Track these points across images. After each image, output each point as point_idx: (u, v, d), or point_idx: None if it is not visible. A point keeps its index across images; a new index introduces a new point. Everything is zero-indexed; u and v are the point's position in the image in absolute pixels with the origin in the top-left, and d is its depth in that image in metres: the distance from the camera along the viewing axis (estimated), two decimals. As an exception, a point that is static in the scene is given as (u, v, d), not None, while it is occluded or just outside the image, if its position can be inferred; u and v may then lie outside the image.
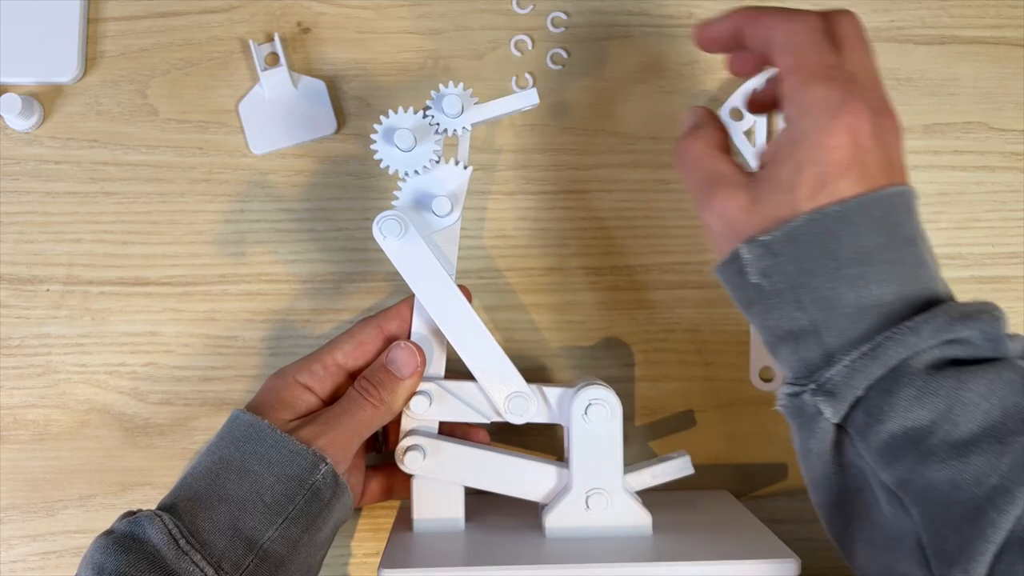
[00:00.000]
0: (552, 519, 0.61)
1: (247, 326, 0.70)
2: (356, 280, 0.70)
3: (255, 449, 0.55)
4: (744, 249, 0.49)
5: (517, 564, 0.56)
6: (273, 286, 0.70)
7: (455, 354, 0.61)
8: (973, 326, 0.46)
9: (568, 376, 0.70)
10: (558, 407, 0.62)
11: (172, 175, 0.70)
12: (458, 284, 0.60)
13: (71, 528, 0.69)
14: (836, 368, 0.47)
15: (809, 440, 0.50)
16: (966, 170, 0.71)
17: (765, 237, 0.48)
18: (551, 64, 0.72)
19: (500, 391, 0.61)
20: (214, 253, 0.70)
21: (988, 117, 0.72)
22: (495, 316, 0.70)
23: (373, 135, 0.59)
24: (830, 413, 0.48)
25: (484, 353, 0.60)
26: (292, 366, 0.61)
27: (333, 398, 0.61)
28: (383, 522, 0.70)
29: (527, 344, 0.70)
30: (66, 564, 0.69)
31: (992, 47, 0.72)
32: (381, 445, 0.67)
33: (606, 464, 0.61)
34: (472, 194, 0.70)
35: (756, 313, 0.50)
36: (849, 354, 0.47)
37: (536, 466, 0.62)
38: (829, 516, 0.52)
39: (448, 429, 0.64)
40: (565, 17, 0.72)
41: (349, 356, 0.61)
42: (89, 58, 0.71)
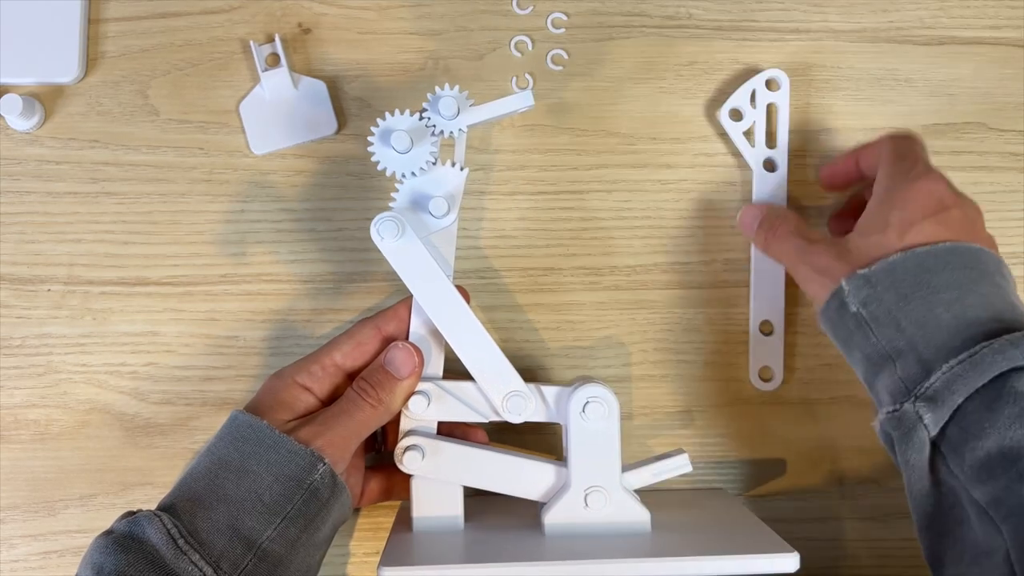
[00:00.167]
0: (551, 517, 0.61)
1: (248, 326, 0.70)
2: (356, 280, 0.70)
3: (254, 449, 0.55)
4: (845, 283, 0.55)
5: (516, 562, 0.56)
6: (274, 286, 0.70)
7: (453, 354, 0.61)
8: None
9: (567, 376, 0.70)
10: (556, 406, 0.62)
11: (173, 175, 0.70)
12: (456, 285, 0.61)
13: (72, 528, 0.69)
14: (936, 375, 0.50)
15: (908, 452, 0.52)
16: (965, 170, 0.71)
17: (863, 271, 0.55)
18: (551, 65, 0.72)
19: (498, 391, 0.61)
20: (215, 253, 0.70)
21: (987, 118, 0.72)
22: (494, 316, 0.71)
23: (370, 137, 0.60)
24: (929, 420, 0.50)
25: (482, 353, 0.61)
26: (291, 367, 0.61)
27: (332, 399, 0.61)
28: (383, 521, 0.70)
29: (526, 344, 0.71)
30: (67, 564, 0.69)
31: (991, 48, 0.72)
32: (380, 445, 0.67)
33: (604, 462, 0.61)
34: (471, 194, 0.70)
35: (856, 344, 0.55)
36: (948, 362, 0.50)
37: (535, 465, 0.62)
38: (923, 530, 0.54)
39: (447, 429, 0.64)
40: (565, 18, 0.72)
41: (347, 357, 0.61)
42: (90, 58, 0.71)
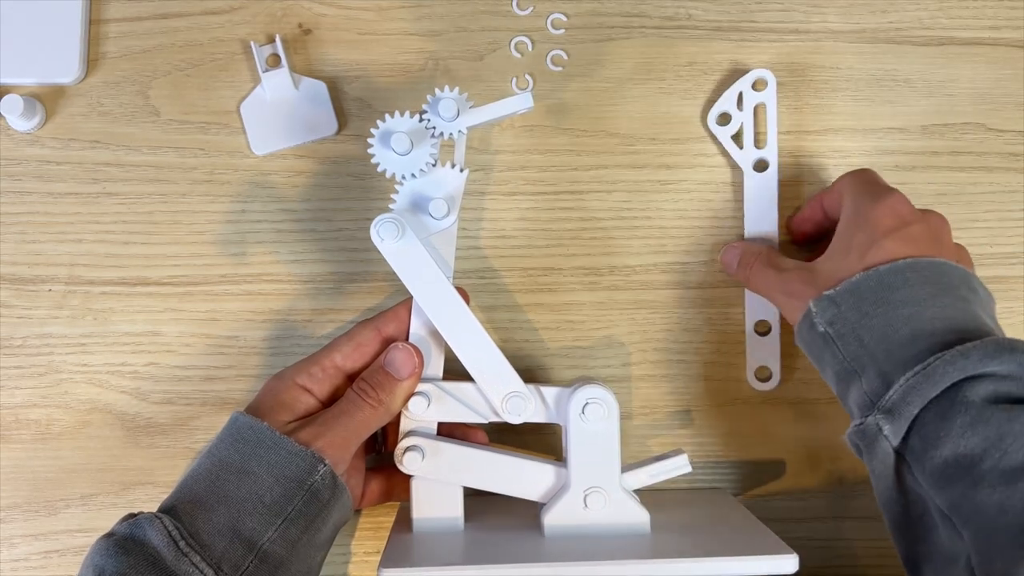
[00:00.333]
0: (551, 518, 0.61)
1: (248, 326, 0.70)
2: (357, 280, 0.71)
3: (254, 451, 0.55)
4: (812, 304, 0.57)
5: (516, 563, 0.56)
6: (274, 286, 0.70)
7: (453, 355, 0.61)
8: (1022, 358, 0.50)
9: (567, 376, 0.71)
10: (556, 407, 0.62)
11: (174, 176, 0.70)
12: (456, 286, 0.61)
13: (73, 527, 0.69)
14: (894, 388, 0.52)
15: (873, 462, 0.54)
16: (964, 171, 0.72)
17: (829, 292, 0.57)
18: (551, 65, 0.72)
19: (498, 391, 0.61)
20: (215, 253, 0.70)
21: (986, 118, 0.72)
22: (494, 316, 0.71)
23: (370, 139, 0.60)
24: (889, 431, 0.52)
25: (482, 354, 0.61)
26: (291, 368, 0.61)
27: (332, 400, 0.61)
28: (384, 521, 0.70)
29: (526, 344, 0.71)
30: (68, 563, 0.69)
31: (990, 48, 0.72)
32: (380, 446, 0.67)
33: (604, 463, 0.61)
34: (471, 195, 0.70)
35: (827, 362, 0.57)
36: (904, 375, 0.52)
37: (534, 466, 0.62)
38: (896, 538, 0.56)
39: (447, 430, 0.64)
40: (565, 19, 0.72)
41: (347, 358, 0.61)
42: (91, 59, 0.71)
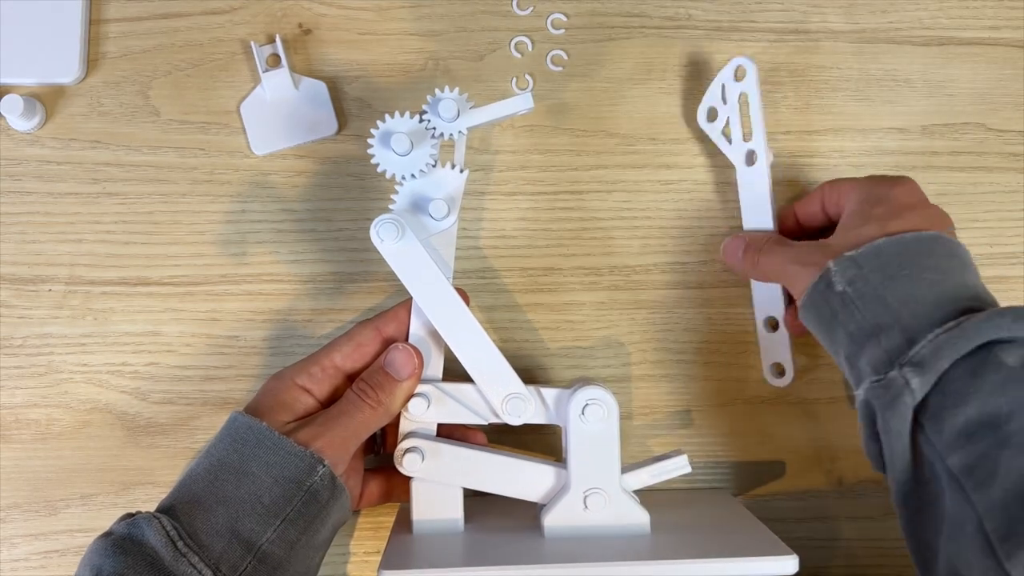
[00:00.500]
0: (551, 519, 0.61)
1: (248, 326, 0.70)
2: (357, 280, 0.71)
3: (253, 451, 0.55)
4: (832, 263, 0.56)
5: (516, 564, 0.56)
6: (274, 286, 0.70)
7: (453, 356, 0.61)
8: None
9: (567, 376, 0.71)
10: (555, 408, 0.62)
11: (174, 176, 0.71)
12: (455, 286, 0.61)
13: (73, 527, 0.69)
14: (923, 343, 0.51)
15: (891, 420, 0.52)
16: (964, 171, 0.72)
17: (851, 252, 0.56)
18: (551, 65, 0.72)
19: (498, 393, 0.61)
20: (216, 253, 0.70)
21: (986, 118, 0.72)
22: (494, 316, 0.71)
23: (370, 139, 0.60)
24: (917, 384, 0.51)
25: (481, 355, 0.61)
26: (290, 368, 0.61)
27: (331, 400, 0.61)
28: (384, 521, 0.70)
29: (526, 344, 0.71)
30: (68, 563, 0.69)
31: (990, 48, 0.72)
32: (379, 447, 0.67)
33: (604, 464, 0.61)
34: (471, 195, 0.70)
35: (840, 323, 0.56)
36: (933, 331, 0.51)
37: (534, 467, 0.62)
38: (900, 502, 0.55)
39: (446, 431, 0.64)
40: (565, 19, 0.72)
41: (347, 359, 0.61)
42: (91, 59, 0.71)
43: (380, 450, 0.67)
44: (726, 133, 0.69)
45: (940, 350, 0.50)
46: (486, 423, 0.62)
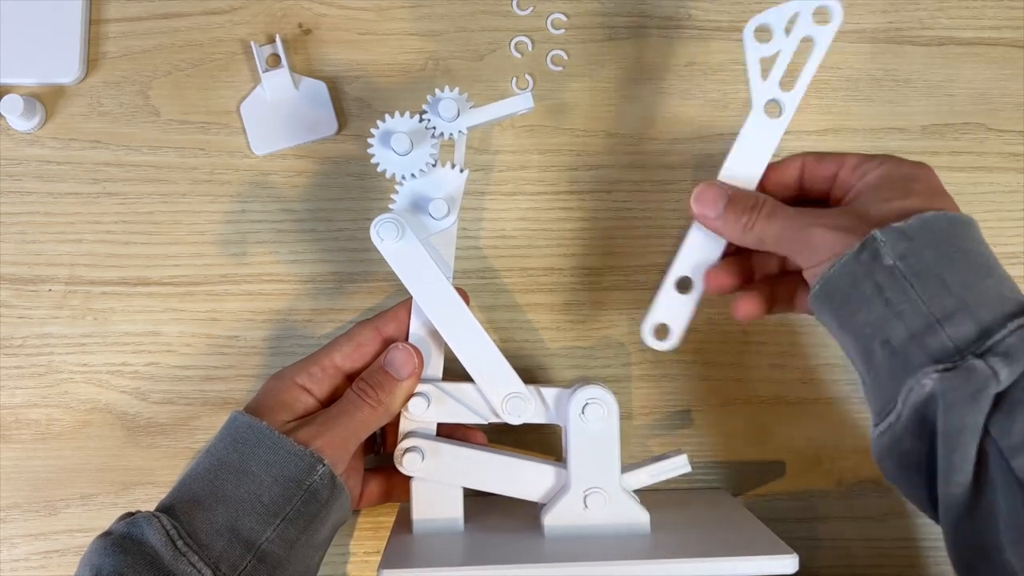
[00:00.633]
0: (551, 519, 0.61)
1: (249, 326, 0.70)
2: (357, 280, 0.71)
3: (253, 451, 0.55)
4: (879, 233, 0.49)
5: (516, 564, 0.56)
6: (274, 286, 0.70)
7: (453, 356, 0.61)
8: None
9: (567, 376, 0.71)
10: (555, 407, 0.62)
11: (174, 176, 0.71)
12: (455, 286, 0.61)
13: (73, 527, 0.69)
14: (1002, 333, 0.47)
15: (966, 414, 0.47)
16: (964, 171, 0.72)
17: (899, 224, 0.50)
18: (551, 65, 0.72)
19: (498, 392, 0.61)
20: (216, 253, 0.70)
21: (986, 118, 0.72)
22: (494, 316, 0.71)
23: (370, 139, 0.60)
24: (1006, 375, 0.46)
25: (481, 355, 0.61)
26: (290, 368, 0.61)
27: (331, 400, 0.61)
28: (383, 520, 0.70)
29: (526, 344, 0.71)
30: (68, 563, 0.69)
31: (990, 48, 0.72)
32: (379, 447, 0.67)
33: (603, 463, 0.61)
34: (471, 195, 0.71)
35: (888, 301, 0.50)
36: (1014, 321, 0.47)
37: (534, 466, 0.62)
38: (951, 507, 0.50)
39: (446, 431, 0.64)
40: (565, 19, 0.72)
41: (347, 358, 0.61)
42: (91, 59, 0.71)
43: (380, 450, 0.67)
44: (765, 64, 0.58)
45: None
46: (486, 423, 0.62)
